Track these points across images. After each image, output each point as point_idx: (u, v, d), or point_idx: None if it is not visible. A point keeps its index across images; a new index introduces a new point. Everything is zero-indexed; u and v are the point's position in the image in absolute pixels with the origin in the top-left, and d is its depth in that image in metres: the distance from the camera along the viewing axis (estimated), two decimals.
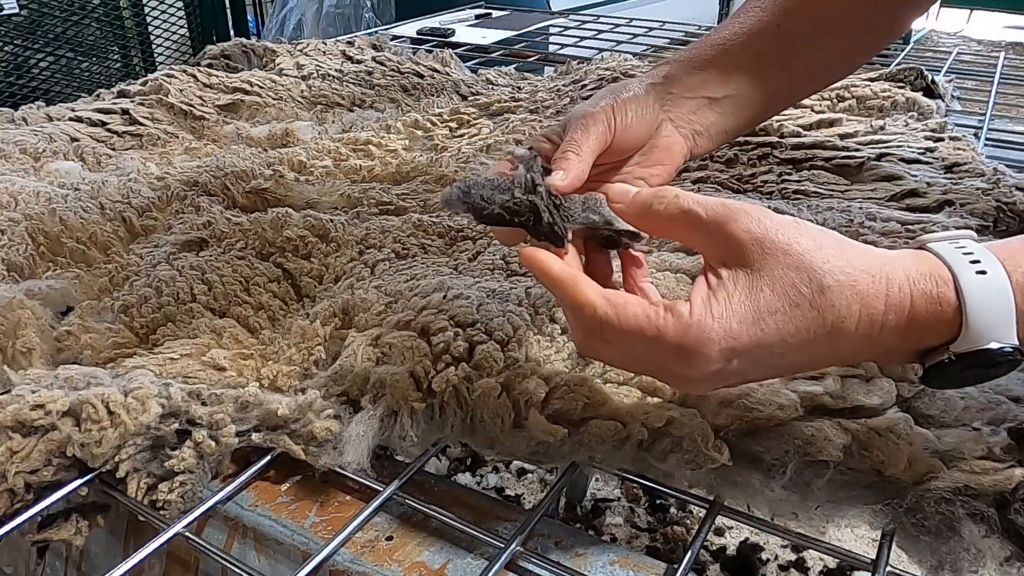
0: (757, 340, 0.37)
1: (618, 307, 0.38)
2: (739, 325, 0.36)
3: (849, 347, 0.38)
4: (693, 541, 0.44)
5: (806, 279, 0.36)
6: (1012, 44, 1.43)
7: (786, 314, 0.37)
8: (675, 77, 0.55)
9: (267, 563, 0.47)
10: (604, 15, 1.95)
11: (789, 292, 0.36)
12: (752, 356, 0.38)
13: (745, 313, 0.37)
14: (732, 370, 0.38)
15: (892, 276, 0.37)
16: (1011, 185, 0.74)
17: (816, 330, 0.37)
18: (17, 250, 0.67)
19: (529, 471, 1.31)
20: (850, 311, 0.37)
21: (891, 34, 0.64)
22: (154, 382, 0.49)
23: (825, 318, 0.37)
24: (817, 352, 0.38)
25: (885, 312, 0.37)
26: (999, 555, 0.41)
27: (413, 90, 1.21)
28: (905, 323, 0.37)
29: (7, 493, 0.44)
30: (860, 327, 0.37)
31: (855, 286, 0.37)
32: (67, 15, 2.08)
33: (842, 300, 0.36)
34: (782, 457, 0.43)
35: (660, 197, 0.41)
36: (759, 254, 0.37)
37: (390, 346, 0.52)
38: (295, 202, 0.80)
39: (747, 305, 0.37)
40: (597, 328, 0.39)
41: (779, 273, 0.37)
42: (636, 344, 0.38)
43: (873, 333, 0.37)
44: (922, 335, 0.37)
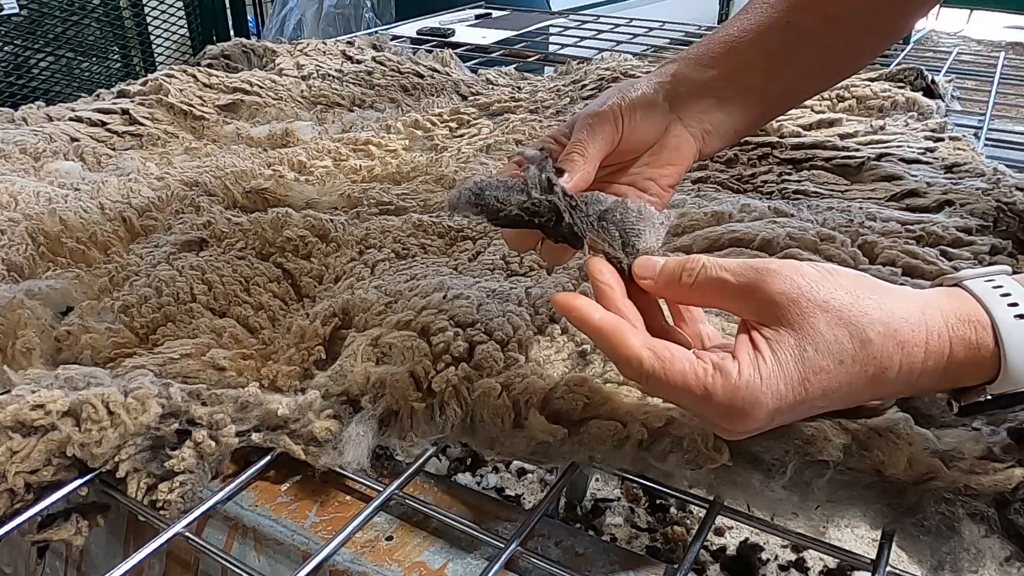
0: (803, 399, 0.37)
1: (664, 361, 0.37)
2: (786, 386, 0.36)
3: (887, 391, 0.38)
4: (693, 541, 0.44)
5: (847, 335, 0.36)
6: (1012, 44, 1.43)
7: (831, 372, 0.36)
8: (683, 76, 0.55)
9: (267, 563, 0.47)
10: (604, 15, 1.95)
11: (833, 349, 0.36)
12: (795, 411, 0.38)
13: (792, 373, 0.36)
14: (773, 423, 0.38)
15: (931, 324, 0.37)
16: (1011, 185, 0.74)
17: (858, 382, 0.37)
18: (17, 250, 0.67)
19: (529, 471, 1.31)
20: (892, 361, 0.37)
21: (899, 32, 0.63)
22: (154, 382, 0.49)
23: (867, 371, 0.37)
24: (857, 399, 0.39)
25: (924, 360, 0.37)
26: (999, 555, 0.41)
27: (413, 90, 1.21)
28: (943, 368, 0.37)
29: (7, 493, 0.44)
30: (901, 375, 0.37)
31: (896, 336, 0.36)
32: (67, 15, 2.07)
33: (884, 352, 0.36)
34: (782, 457, 0.43)
35: (688, 270, 0.40)
36: (797, 314, 0.37)
37: (390, 346, 0.52)
38: (295, 202, 0.80)
39: (793, 365, 0.36)
40: (643, 379, 0.38)
41: (821, 330, 0.36)
42: (682, 399, 0.38)
43: (912, 379, 0.37)
44: (959, 377, 0.38)
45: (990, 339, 0.37)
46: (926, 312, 0.37)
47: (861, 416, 0.45)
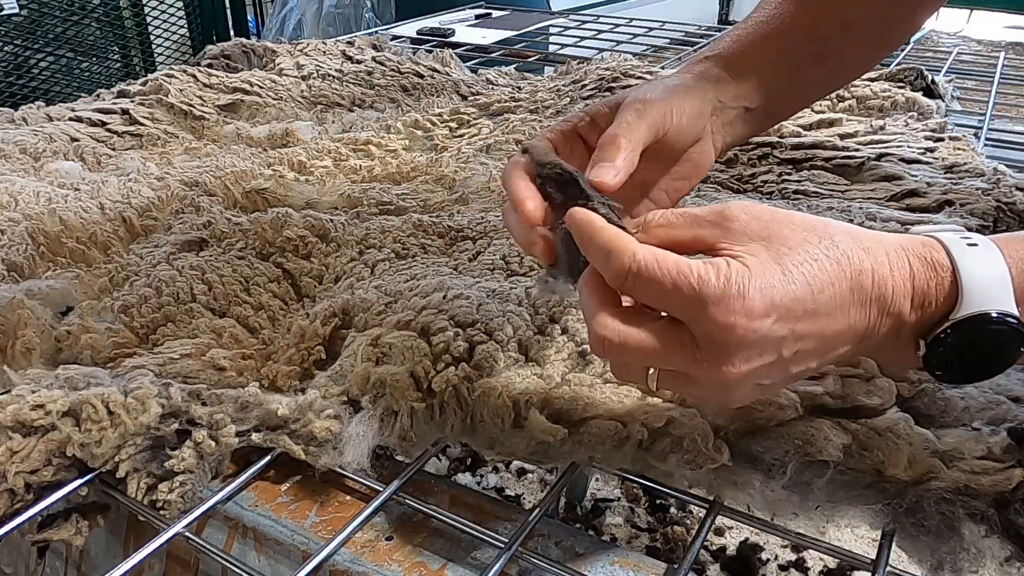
0: (791, 292, 0.35)
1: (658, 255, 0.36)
2: (772, 276, 0.35)
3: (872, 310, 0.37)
4: (693, 541, 0.44)
5: (815, 236, 0.37)
6: (1012, 44, 1.43)
7: (809, 264, 0.36)
8: (723, 84, 0.53)
9: (267, 563, 0.47)
10: (604, 15, 1.95)
11: (806, 247, 0.36)
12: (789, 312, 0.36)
13: (775, 268, 0.36)
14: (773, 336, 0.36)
15: (886, 239, 0.38)
16: (1011, 185, 0.74)
17: (840, 284, 0.36)
18: (17, 250, 0.67)
19: (529, 471, 1.31)
20: (863, 263, 0.37)
21: (908, 33, 0.63)
22: (154, 382, 0.49)
23: (843, 269, 0.36)
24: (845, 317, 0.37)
25: (891, 268, 0.37)
26: (999, 555, 0.41)
27: (413, 90, 1.21)
28: (911, 285, 0.37)
29: (7, 493, 0.44)
30: (876, 283, 0.37)
31: (859, 242, 0.37)
32: (67, 15, 2.07)
33: (853, 252, 0.37)
34: (782, 457, 0.43)
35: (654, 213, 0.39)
36: (763, 226, 0.37)
37: (390, 346, 0.52)
38: (295, 202, 0.80)
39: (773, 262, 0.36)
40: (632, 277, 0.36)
41: (789, 234, 0.37)
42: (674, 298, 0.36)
43: (886, 294, 0.37)
44: (924, 300, 0.37)
45: (946, 260, 0.37)
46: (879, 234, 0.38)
47: (861, 416, 0.45)
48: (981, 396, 0.46)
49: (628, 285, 0.37)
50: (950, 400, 0.45)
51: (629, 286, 0.37)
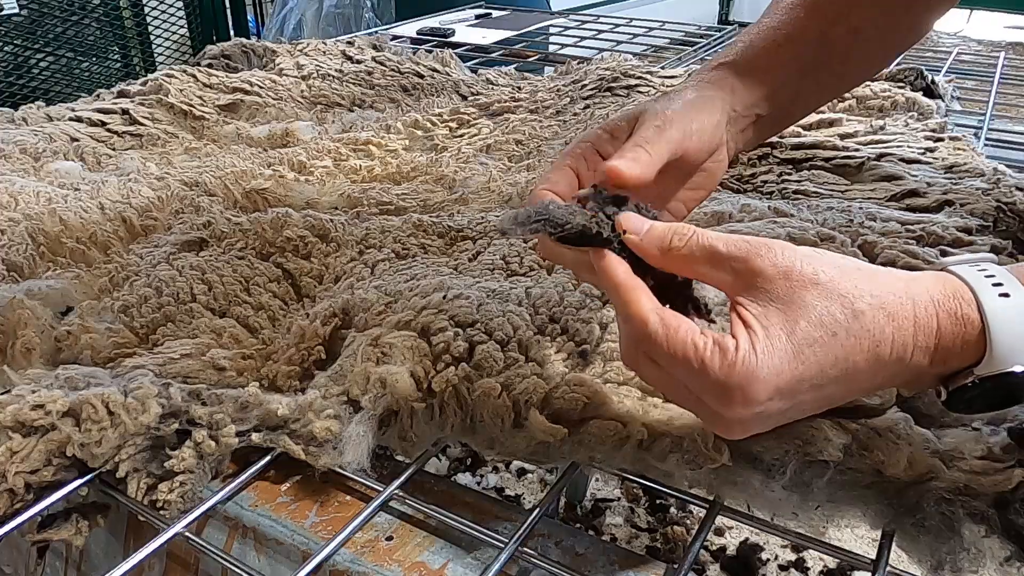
0: (799, 375, 0.36)
1: (669, 328, 0.37)
2: (781, 361, 0.35)
3: (885, 372, 0.37)
4: (693, 541, 0.44)
5: (838, 307, 0.36)
6: (1012, 44, 1.43)
7: (825, 344, 0.36)
8: (737, 93, 0.53)
9: (267, 563, 0.47)
10: (604, 15, 1.95)
11: (825, 321, 0.36)
12: (793, 392, 0.36)
13: (786, 347, 0.35)
14: (771, 411, 0.37)
15: (918, 297, 0.37)
16: (1011, 185, 0.74)
17: (855, 357, 0.36)
18: (17, 250, 0.67)
19: (529, 471, 1.31)
20: (884, 334, 0.36)
21: (915, 37, 0.63)
22: (154, 382, 0.49)
23: (862, 344, 0.36)
24: (854, 383, 0.37)
25: (915, 333, 0.36)
26: (999, 555, 0.41)
27: (413, 90, 1.21)
28: (934, 344, 0.37)
29: (7, 493, 0.44)
30: (894, 350, 0.36)
31: (885, 308, 0.36)
32: (67, 15, 2.07)
33: (876, 323, 0.36)
34: (782, 457, 0.43)
35: (679, 234, 0.39)
36: (787, 288, 0.36)
37: (390, 346, 0.52)
38: (295, 202, 0.80)
39: (786, 339, 0.35)
40: (645, 343, 0.38)
41: (811, 303, 0.36)
42: (679, 370, 0.37)
43: (906, 356, 0.37)
44: (948, 356, 0.37)
45: (975, 314, 0.36)
46: (911, 287, 0.37)
47: (861, 416, 0.45)
48: None
49: (642, 344, 0.38)
50: None
51: (643, 344, 0.38)
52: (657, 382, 0.41)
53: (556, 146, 0.94)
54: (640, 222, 0.40)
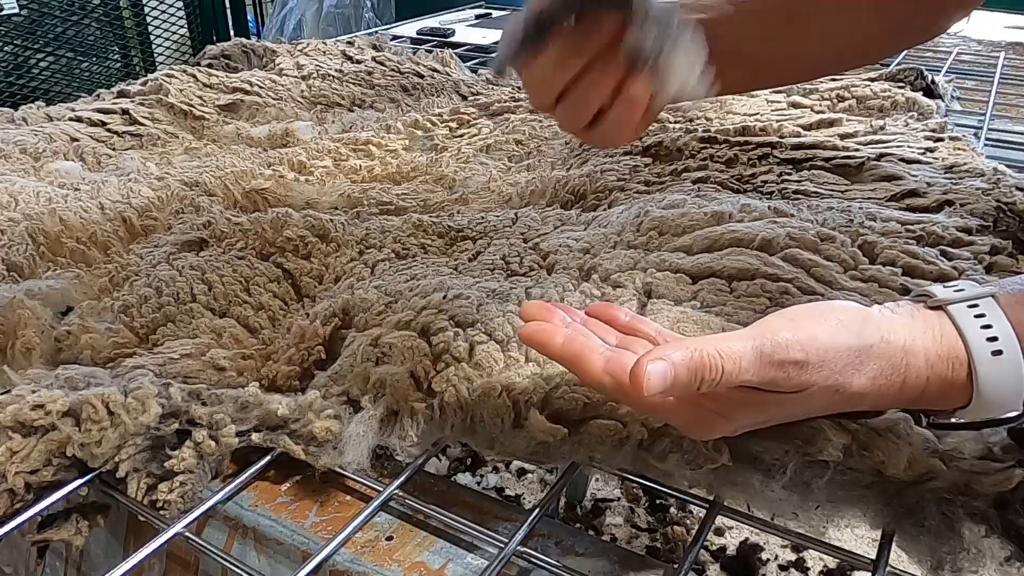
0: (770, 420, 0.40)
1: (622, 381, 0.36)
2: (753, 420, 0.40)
3: (859, 406, 0.40)
4: (693, 541, 0.44)
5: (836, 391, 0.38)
6: (1012, 44, 1.43)
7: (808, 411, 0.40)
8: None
9: (267, 563, 0.47)
10: None
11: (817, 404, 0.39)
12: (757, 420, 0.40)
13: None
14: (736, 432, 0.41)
15: (911, 363, 0.38)
16: (1011, 185, 0.74)
17: (826, 408, 0.40)
18: (17, 250, 0.67)
19: (529, 471, 1.31)
20: (865, 398, 0.39)
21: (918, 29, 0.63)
22: (154, 382, 0.49)
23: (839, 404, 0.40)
24: (818, 414, 0.42)
25: (899, 395, 0.39)
26: (999, 555, 0.41)
27: (413, 90, 1.21)
28: (916, 398, 0.39)
29: (7, 493, 0.44)
30: (871, 402, 0.40)
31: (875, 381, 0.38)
32: (67, 15, 2.07)
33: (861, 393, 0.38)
34: (782, 457, 0.43)
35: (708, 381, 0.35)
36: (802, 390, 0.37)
37: (390, 346, 0.52)
38: (295, 202, 0.80)
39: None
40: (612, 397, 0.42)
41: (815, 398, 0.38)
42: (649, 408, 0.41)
43: (883, 404, 0.40)
44: (931, 405, 0.40)
45: (964, 373, 0.38)
46: (908, 355, 0.38)
47: (861, 416, 0.45)
48: None
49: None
50: None
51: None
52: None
53: (556, 146, 0.94)
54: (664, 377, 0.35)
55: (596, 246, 0.66)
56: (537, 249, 0.66)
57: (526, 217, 0.73)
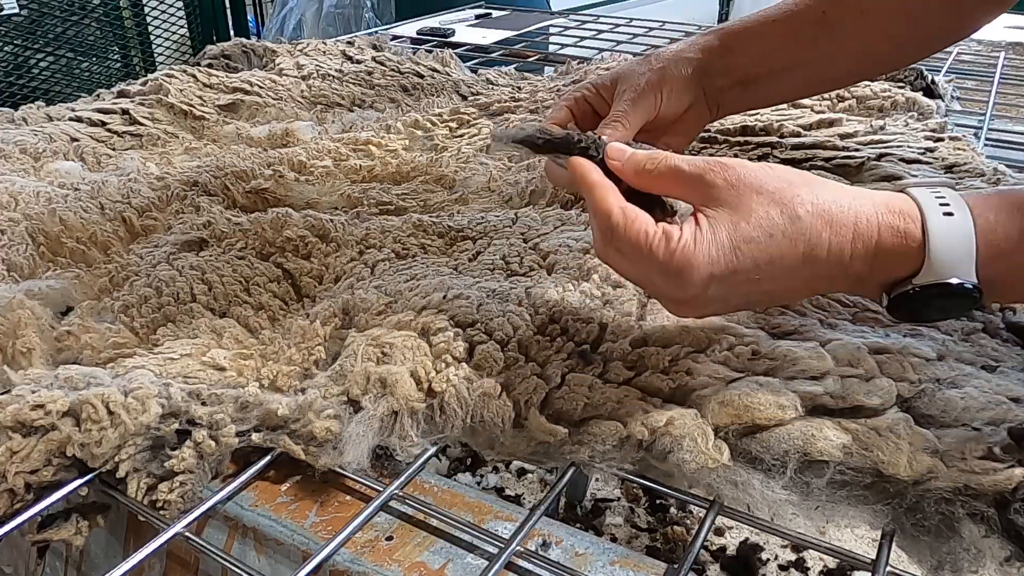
0: (734, 267, 0.41)
1: (628, 218, 0.43)
2: (718, 252, 0.41)
3: (822, 274, 0.42)
4: (693, 541, 0.44)
5: (778, 211, 0.41)
6: (1012, 44, 1.43)
7: (761, 243, 0.41)
8: (713, 54, 0.59)
9: (267, 563, 0.47)
10: (604, 15, 1.95)
11: (764, 224, 0.41)
12: (729, 282, 0.42)
13: (724, 242, 0.41)
14: (712, 295, 0.43)
15: (860, 209, 0.41)
16: (1011, 185, 0.74)
17: (790, 258, 0.41)
18: (17, 250, 0.67)
19: (529, 471, 1.31)
20: (820, 238, 0.41)
21: (948, 32, 0.65)
22: (154, 382, 0.49)
23: (797, 246, 0.41)
24: (792, 281, 0.42)
25: (853, 240, 0.41)
26: (999, 555, 0.41)
27: (413, 90, 1.21)
28: (873, 252, 0.41)
29: (7, 493, 0.44)
30: (831, 254, 0.41)
31: (824, 216, 0.41)
32: (67, 15, 2.07)
33: (813, 228, 0.41)
34: (782, 457, 0.43)
35: (653, 158, 0.45)
36: (735, 196, 0.42)
37: (390, 346, 0.52)
38: (295, 202, 0.80)
39: (726, 236, 0.41)
40: (609, 233, 0.44)
41: (754, 208, 0.41)
42: (635, 255, 0.43)
43: (844, 260, 0.41)
44: (888, 266, 0.41)
45: (917, 231, 0.40)
46: (856, 199, 0.41)
47: (861, 416, 0.45)
48: (981, 396, 0.45)
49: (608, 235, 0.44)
50: (950, 400, 0.45)
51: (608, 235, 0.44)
52: (623, 271, 0.47)
53: None
54: (622, 149, 0.47)
55: None
56: (537, 249, 0.66)
57: (526, 217, 0.73)
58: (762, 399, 0.45)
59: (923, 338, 0.52)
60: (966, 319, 0.56)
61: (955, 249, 0.40)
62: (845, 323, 0.54)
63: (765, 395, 0.45)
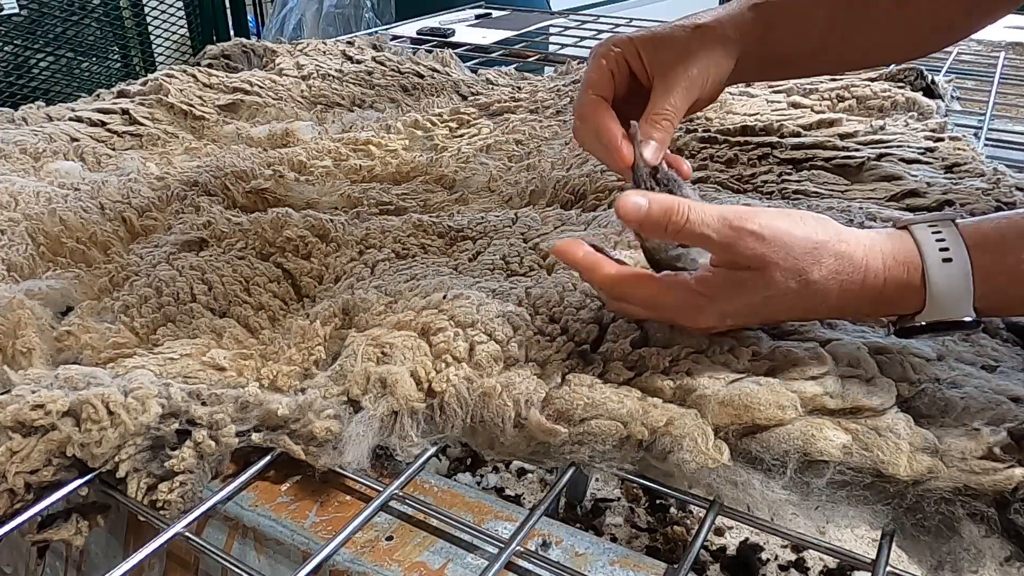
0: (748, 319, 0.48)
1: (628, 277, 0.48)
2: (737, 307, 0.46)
3: (823, 311, 0.47)
4: (693, 541, 0.44)
5: (795, 281, 0.44)
6: (1012, 44, 1.43)
7: (775, 303, 0.46)
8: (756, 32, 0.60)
9: (267, 563, 0.47)
10: (604, 15, 1.95)
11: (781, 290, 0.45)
12: (741, 315, 0.47)
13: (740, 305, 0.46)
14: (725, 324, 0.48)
15: (871, 264, 0.44)
16: (1011, 185, 0.74)
17: (798, 311, 0.47)
18: (17, 250, 0.67)
19: (529, 471, 1.31)
20: (829, 296, 0.45)
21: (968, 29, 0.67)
22: (154, 382, 0.49)
23: (807, 304, 0.46)
24: (793, 314, 0.48)
25: (859, 292, 0.45)
26: (999, 555, 0.41)
27: (413, 90, 1.21)
28: (877, 298, 0.45)
29: (7, 493, 0.44)
30: (838, 301, 0.45)
31: (836, 277, 0.44)
32: (67, 15, 2.08)
33: (824, 290, 0.45)
34: (782, 457, 0.43)
35: (674, 223, 0.44)
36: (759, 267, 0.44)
37: (390, 346, 0.52)
38: (295, 202, 0.80)
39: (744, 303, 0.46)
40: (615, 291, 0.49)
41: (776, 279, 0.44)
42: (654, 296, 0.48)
43: (846, 306, 0.46)
44: (891, 308, 0.46)
45: (919, 278, 0.44)
46: (868, 256, 0.45)
47: (861, 416, 0.45)
48: (981, 396, 0.45)
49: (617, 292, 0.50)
50: (950, 400, 0.45)
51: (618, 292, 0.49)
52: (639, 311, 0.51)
53: (556, 146, 0.94)
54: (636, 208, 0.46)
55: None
56: (537, 249, 0.66)
57: (526, 217, 0.73)
58: (762, 399, 0.45)
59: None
60: None
61: (953, 292, 0.44)
62: (845, 323, 0.54)
63: (765, 395, 0.45)
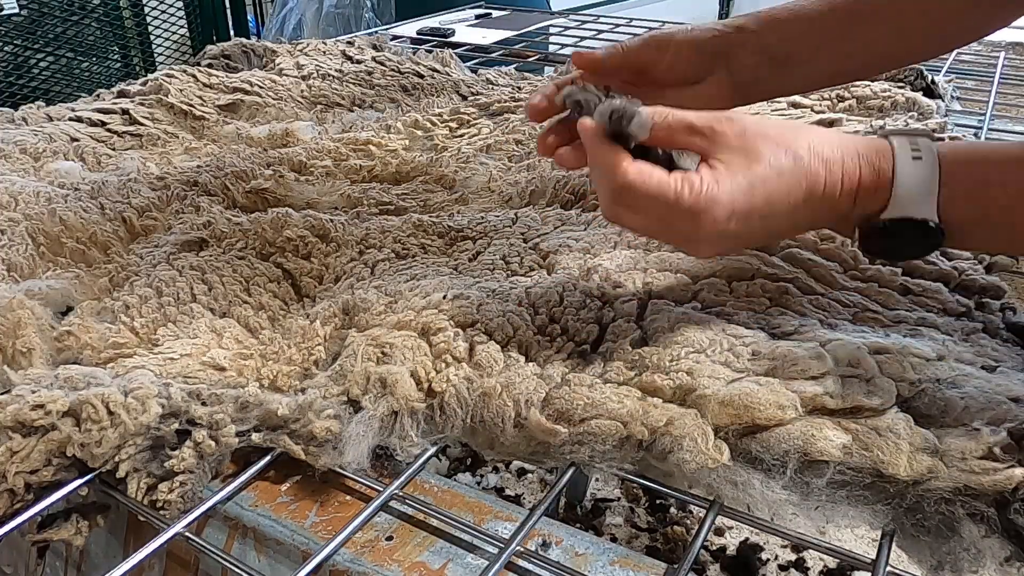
0: (750, 203, 0.45)
1: (644, 174, 0.45)
2: (737, 189, 0.45)
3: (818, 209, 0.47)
4: (693, 541, 0.44)
5: (783, 152, 0.46)
6: (1012, 44, 1.43)
7: (772, 181, 0.45)
8: (744, 32, 0.60)
9: (267, 563, 0.47)
10: (604, 15, 1.95)
11: (773, 164, 0.45)
12: (746, 218, 0.46)
13: (741, 182, 0.45)
14: (730, 231, 0.46)
15: (847, 149, 0.46)
16: None
17: (795, 195, 0.46)
18: (17, 250, 0.67)
19: (529, 471, 1.31)
20: (819, 177, 0.46)
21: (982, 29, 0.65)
22: (154, 382, 0.49)
23: (801, 184, 0.46)
24: (795, 216, 0.47)
25: (843, 178, 0.46)
26: (999, 555, 0.41)
27: (413, 90, 1.21)
28: (855, 189, 0.46)
29: (7, 493, 0.44)
30: (827, 191, 0.46)
31: (820, 155, 0.46)
32: (67, 15, 2.07)
33: (813, 167, 0.46)
34: (782, 457, 0.43)
35: (659, 113, 0.47)
36: (744, 142, 0.46)
37: (390, 346, 0.52)
38: (295, 202, 0.80)
39: (742, 177, 0.45)
40: (620, 192, 0.46)
41: (763, 151, 0.45)
42: (655, 207, 0.46)
43: (835, 197, 0.47)
44: (865, 202, 0.47)
45: (889, 170, 0.46)
46: (844, 143, 0.47)
47: (861, 416, 0.45)
48: (981, 396, 0.45)
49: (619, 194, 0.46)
50: (950, 400, 0.45)
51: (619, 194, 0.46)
52: (635, 225, 0.49)
53: None
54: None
55: (596, 246, 0.66)
56: (537, 249, 0.66)
57: (526, 217, 0.73)
58: (762, 399, 0.45)
59: (923, 338, 0.52)
60: (966, 319, 0.56)
61: (918, 187, 0.45)
62: (845, 323, 0.54)
63: (765, 395, 0.45)
